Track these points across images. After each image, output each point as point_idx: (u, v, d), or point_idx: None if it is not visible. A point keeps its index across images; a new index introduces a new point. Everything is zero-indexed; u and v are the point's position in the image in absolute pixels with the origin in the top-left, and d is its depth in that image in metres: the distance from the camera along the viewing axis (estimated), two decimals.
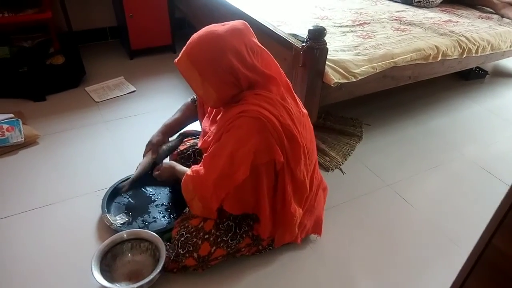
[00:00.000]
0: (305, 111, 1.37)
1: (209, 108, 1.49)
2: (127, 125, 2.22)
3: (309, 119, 1.38)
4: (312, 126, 1.40)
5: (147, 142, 1.63)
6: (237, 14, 2.10)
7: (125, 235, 1.44)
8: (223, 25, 1.22)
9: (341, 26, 2.14)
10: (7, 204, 1.67)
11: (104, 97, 2.44)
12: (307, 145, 1.32)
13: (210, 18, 2.46)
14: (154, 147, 1.57)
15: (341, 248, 1.56)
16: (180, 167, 1.46)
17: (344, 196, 1.78)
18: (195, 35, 1.22)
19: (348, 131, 2.19)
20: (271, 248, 1.48)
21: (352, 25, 2.16)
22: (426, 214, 1.74)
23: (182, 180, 1.34)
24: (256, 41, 1.25)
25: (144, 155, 1.59)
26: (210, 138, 1.32)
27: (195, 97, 1.65)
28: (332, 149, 2.05)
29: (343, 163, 1.98)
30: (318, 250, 1.54)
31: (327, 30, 1.60)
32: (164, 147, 1.63)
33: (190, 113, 1.64)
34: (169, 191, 1.75)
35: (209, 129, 1.41)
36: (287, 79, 1.33)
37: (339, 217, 1.67)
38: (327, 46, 1.60)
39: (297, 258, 1.50)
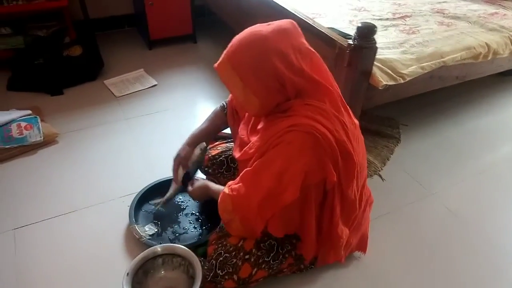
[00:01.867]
0: (356, 121, 1.23)
1: (245, 114, 1.36)
2: (150, 122, 2.10)
3: (359, 130, 1.25)
4: (363, 138, 1.26)
5: (174, 155, 1.47)
6: (266, 3, 1.95)
7: (159, 249, 1.33)
8: (268, 24, 1.08)
9: (381, 19, 1.98)
10: (27, 211, 1.57)
11: (124, 91, 2.31)
12: (360, 161, 1.19)
13: (235, 6, 2.32)
14: (184, 162, 1.44)
15: (386, 265, 1.45)
16: (214, 186, 1.33)
17: (387, 207, 1.66)
18: (237, 37, 1.08)
19: (385, 132, 2.06)
20: (312, 267, 1.37)
21: (393, 18, 2.01)
22: (475, 227, 1.61)
23: (219, 199, 1.21)
24: (305, 42, 1.11)
25: (173, 170, 1.46)
26: (252, 150, 1.18)
27: (224, 103, 1.51)
28: (370, 152, 1.92)
29: (382, 169, 1.85)
30: (362, 268, 1.43)
31: None
32: (191, 162, 1.46)
33: (220, 122, 1.50)
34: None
35: (248, 138, 1.28)
36: (337, 85, 1.19)
37: (383, 230, 1.56)
38: (376, 45, 1.45)
39: (341, 277, 1.39)
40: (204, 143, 1.47)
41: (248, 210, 1.14)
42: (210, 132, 1.51)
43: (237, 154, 1.30)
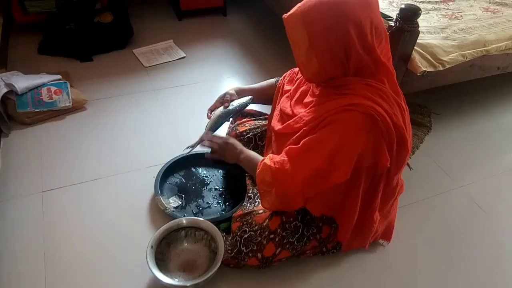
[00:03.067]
0: (406, 107, 1.19)
1: (291, 89, 1.34)
2: (177, 95, 2.08)
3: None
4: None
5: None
6: None
7: (184, 222, 1.34)
8: None
9: (423, 2, 1.90)
10: (55, 175, 1.59)
11: (152, 62, 2.30)
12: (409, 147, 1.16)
13: None
14: (228, 97, 1.43)
15: (408, 255, 1.42)
16: (247, 153, 1.30)
17: (413, 196, 1.62)
18: None
19: (416, 120, 1.99)
20: (334, 251, 1.36)
21: (435, 1, 1.91)
22: (502, 224, 1.57)
23: (259, 168, 1.18)
24: (382, 20, 1.07)
25: (211, 109, 1.46)
26: (299, 125, 1.15)
27: (279, 79, 1.49)
28: None
29: (410, 157, 1.80)
30: (385, 256, 1.41)
31: None
32: (235, 103, 1.44)
33: (269, 88, 1.48)
34: (222, 176, 1.63)
35: (292, 111, 1.25)
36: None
37: (408, 220, 1.53)
38: (419, 29, 1.39)
39: (363, 263, 1.38)
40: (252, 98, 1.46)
41: (290, 186, 1.11)
42: (257, 92, 1.50)
43: (277, 126, 1.28)
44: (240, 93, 1.48)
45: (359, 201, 1.18)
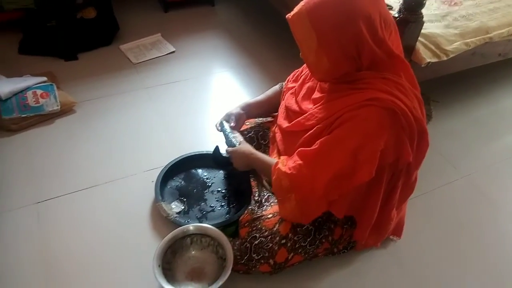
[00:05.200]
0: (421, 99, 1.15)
1: (295, 87, 1.29)
2: (170, 92, 2.00)
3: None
4: None
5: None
6: None
7: (191, 228, 1.29)
8: None
9: None
10: (48, 184, 1.51)
11: (141, 58, 2.20)
12: None
13: None
14: (233, 118, 1.39)
15: (420, 249, 1.41)
16: (258, 156, 1.23)
17: (419, 188, 1.57)
18: None
19: None
20: (345, 251, 1.33)
21: None
22: (509, 212, 1.56)
23: (274, 175, 1.12)
24: (388, 11, 1.03)
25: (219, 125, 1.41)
26: (312, 122, 1.10)
27: (284, 83, 1.44)
28: None
29: None
30: (396, 251, 1.39)
31: None
32: (229, 133, 1.36)
33: (273, 96, 1.43)
34: (224, 176, 1.58)
35: (299, 107, 1.20)
36: None
37: (416, 213, 1.50)
38: (423, 19, 1.35)
39: (375, 260, 1.36)
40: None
41: (311, 191, 1.05)
42: (262, 105, 1.46)
43: (284, 124, 1.24)
44: (247, 108, 1.42)
45: (380, 198, 1.14)
